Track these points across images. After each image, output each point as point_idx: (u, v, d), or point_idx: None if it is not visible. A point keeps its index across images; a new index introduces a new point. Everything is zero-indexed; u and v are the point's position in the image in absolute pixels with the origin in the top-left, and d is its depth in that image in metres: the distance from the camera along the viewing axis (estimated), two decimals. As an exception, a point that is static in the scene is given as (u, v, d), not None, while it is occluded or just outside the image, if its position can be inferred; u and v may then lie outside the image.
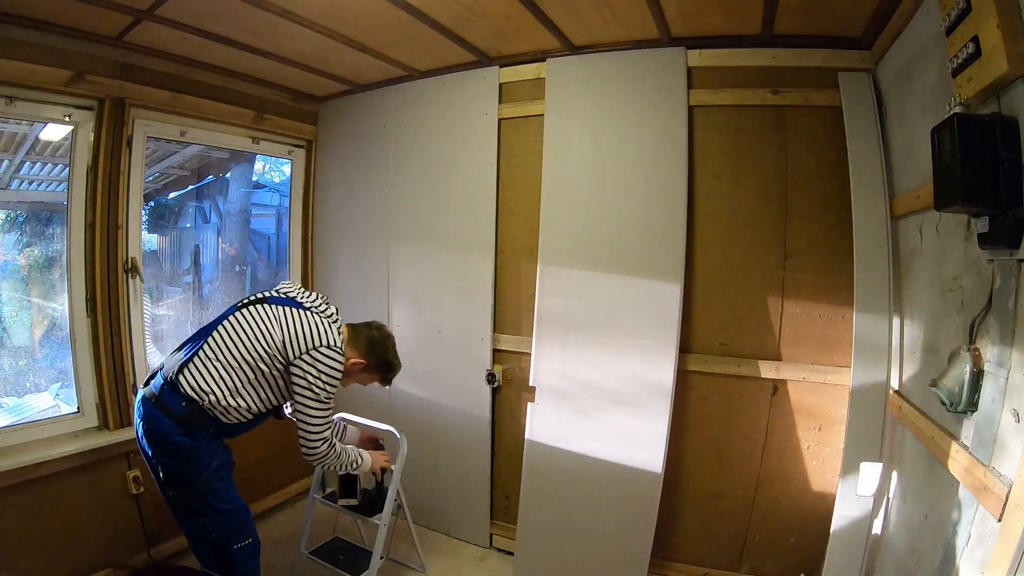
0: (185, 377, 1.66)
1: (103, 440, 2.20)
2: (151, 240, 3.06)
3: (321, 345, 1.67)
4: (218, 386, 1.66)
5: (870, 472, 1.85)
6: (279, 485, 3.01)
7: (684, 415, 2.32)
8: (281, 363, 1.69)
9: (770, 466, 2.23)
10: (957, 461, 1.26)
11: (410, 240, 2.82)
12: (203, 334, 1.73)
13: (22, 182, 2.50)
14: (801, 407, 2.17)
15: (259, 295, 1.81)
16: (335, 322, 1.79)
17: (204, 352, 1.69)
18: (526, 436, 2.46)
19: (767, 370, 2.18)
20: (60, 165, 2.37)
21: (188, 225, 3.43)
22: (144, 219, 2.52)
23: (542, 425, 2.43)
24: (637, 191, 2.28)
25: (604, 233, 2.33)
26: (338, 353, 1.70)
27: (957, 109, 1.17)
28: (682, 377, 2.29)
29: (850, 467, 1.91)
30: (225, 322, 1.73)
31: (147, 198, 2.59)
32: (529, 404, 2.46)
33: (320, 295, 1.87)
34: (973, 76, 1.15)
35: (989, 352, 1.18)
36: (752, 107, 2.17)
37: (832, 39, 2.05)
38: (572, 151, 2.39)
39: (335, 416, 2.20)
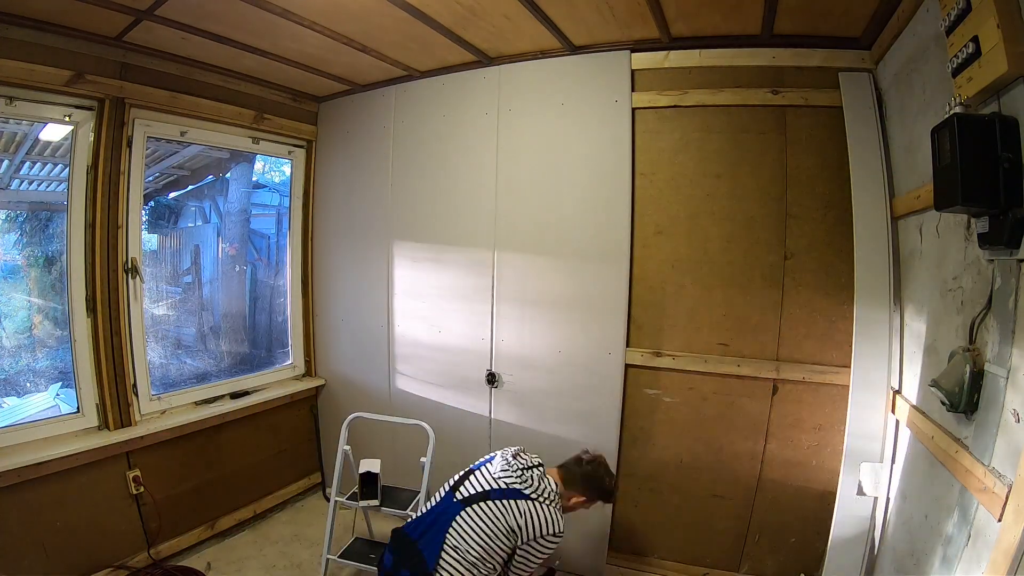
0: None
1: (103, 440, 2.20)
2: (151, 240, 3.05)
3: (548, 534, 1.76)
4: None
5: (870, 472, 1.85)
6: (279, 485, 3.02)
7: (684, 414, 2.32)
8: (510, 553, 1.77)
9: (770, 466, 2.23)
10: (957, 461, 1.26)
11: (411, 240, 2.82)
12: (436, 530, 1.75)
13: (22, 182, 2.50)
14: (801, 407, 2.17)
15: (481, 487, 1.80)
16: (555, 502, 1.82)
17: (447, 554, 1.71)
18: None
19: (767, 370, 2.19)
20: (60, 165, 2.37)
21: (188, 225, 3.43)
22: (144, 219, 2.52)
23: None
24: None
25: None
26: (560, 536, 1.78)
27: (957, 109, 1.17)
28: (684, 376, 2.30)
29: (850, 467, 1.91)
30: (457, 521, 1.74)
31: (147, 198, 2.59)
32: (493, 391, 2.64)
33: (532, 469, 1.85)
34: (973, 76, 1.15)
35: (989, 352, 1.18)
36: (752, 107, 2.17)
37: (832, 39, 2.05)
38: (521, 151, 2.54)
39: (351, 416, 2.45)
